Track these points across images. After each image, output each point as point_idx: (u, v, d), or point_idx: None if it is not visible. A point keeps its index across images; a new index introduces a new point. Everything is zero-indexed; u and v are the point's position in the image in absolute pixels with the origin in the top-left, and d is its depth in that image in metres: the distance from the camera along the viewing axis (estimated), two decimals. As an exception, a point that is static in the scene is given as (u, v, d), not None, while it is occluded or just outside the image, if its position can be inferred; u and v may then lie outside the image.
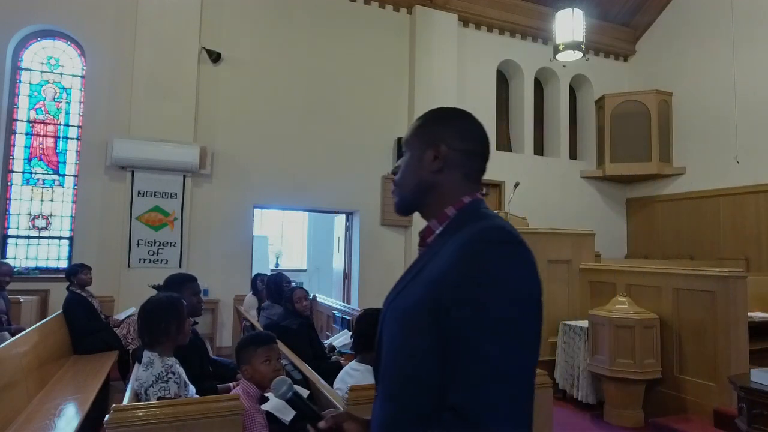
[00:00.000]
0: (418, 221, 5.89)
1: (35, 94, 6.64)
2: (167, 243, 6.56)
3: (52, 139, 6.66)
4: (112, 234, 6.44)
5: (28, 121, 6.57)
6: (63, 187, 6.65)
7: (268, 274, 6.00)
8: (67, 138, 6.69)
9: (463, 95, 8.40)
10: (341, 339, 4.62)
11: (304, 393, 2.51)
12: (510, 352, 0.83)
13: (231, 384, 2.84)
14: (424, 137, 1.14)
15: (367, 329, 2.66)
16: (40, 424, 3.08)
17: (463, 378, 0.82)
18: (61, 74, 6.75)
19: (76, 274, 5.09)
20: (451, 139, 1.11)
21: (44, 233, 6.52)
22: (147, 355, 2.31)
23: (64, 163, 6.67)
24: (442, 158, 1.10)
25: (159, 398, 2.12)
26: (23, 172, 6.51)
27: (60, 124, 6.70)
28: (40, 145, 6.61)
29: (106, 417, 1.82)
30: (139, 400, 2.16)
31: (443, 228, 1.07)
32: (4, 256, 6.29)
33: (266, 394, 2.39)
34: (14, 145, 6.48)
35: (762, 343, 4.56)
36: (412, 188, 1.14)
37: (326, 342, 4.57)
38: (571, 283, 5.43)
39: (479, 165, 1.15)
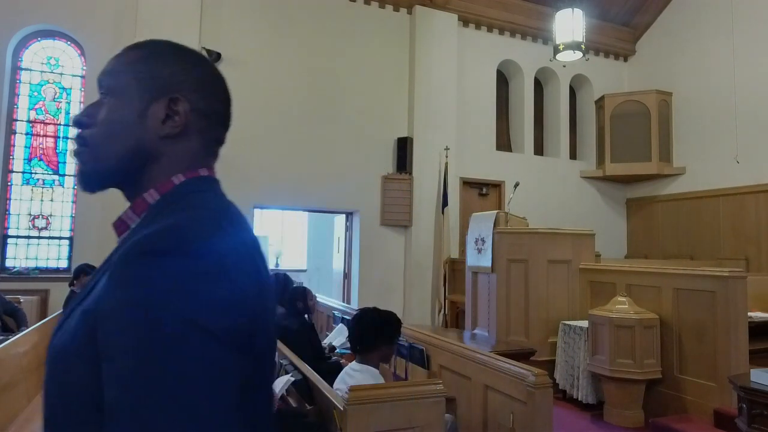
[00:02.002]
0: (419, 221, 5.93)
1: (35, 94, 6.64)
2: (167, 243, 6.54)
3: (52, 139, 6.66)
4: (112, 234, 6.37)
5: (28, 121, 6.57)
6: (63, 187, 6.65)
7: (268, 274, 5.99)
8: (67, 138, 6.69)
9: (463, 95, 8.41)
10: (340, 338, 4.62)
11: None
12: (163, 421, 0.58)
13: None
14: (149, 80, 0.78)
15: (362, 329, 2.67)
16: (40, 424, 3.07)
17: None
18: (61, 74, 6.76)
19: (87, 274, 5.07)
20: (194, 94, 0.79)
21: (44, 233, 6.52)
22: None
23: (64, 163, 6.67)
24: (182, 120, 0.78)
25: None
26: (23, 172, 6.51)
27: (60, 124, 6.70)
28: (40, 145, 6.61)
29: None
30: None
31: (140, 222, 0.76)
32: (4, 256, 6.30)
33: None
34: (14, 145, 6.48)
35: (762, 343, 4.56)
36: (121, 154, 0.77)
37: (325, 341, 4.57)
38: (571, 283, 5.43)
39: (222, 133, 0.86)
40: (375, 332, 2.62)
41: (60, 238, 6.58)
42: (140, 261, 0.63)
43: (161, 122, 0.77)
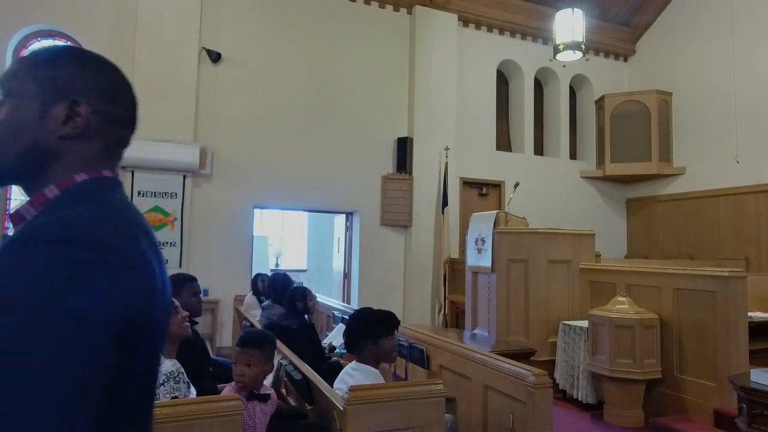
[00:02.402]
0: (419, 221, 5.93)
1: (35, 94, 6.64)
2: (167, 243, 6.56)
3: (52, 139, 6.66)
4: None
5: (28, 121, 6.57)
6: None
7: (268, 274, 6.00)
8: (67, 138, 6.69)
9: (463, 95, 8.41)
10: (340, 338, 4.62)
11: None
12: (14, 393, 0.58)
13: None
14: (49, 83, 0.82)
15: (351, 328, 2.66)
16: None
17: None
18: (61, 74, 6.75)
19: None
20: (95, 98, 0.84)
21: (44, 233, 6.52)
22: None
23: (64, 163, 6.67)
24: (83, 122, 0.82)
25: (172, 398, 2.11)
26: (23, 172, 6.51)
27: (60, 124, 6.70)
28: (40, 145, 6.61)
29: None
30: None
31: (36, 215, 0.78)
32: (4, 256, 6.30)
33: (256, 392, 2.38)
34: (14, 145, 6.48)
35: (762, 343, 4.56)
36: (20, 152, 0.80)
37: (325, 341, 4.57)
38: (571, 283, 5.42)
39: (126, 136, 0.91)
40: (362, 331, 2.62)
41: (60, 238, 6.58)
42: (28, 244, 0.67)
43: (62, 123, 0.81)
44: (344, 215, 8.11)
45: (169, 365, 2.24)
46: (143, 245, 0.77)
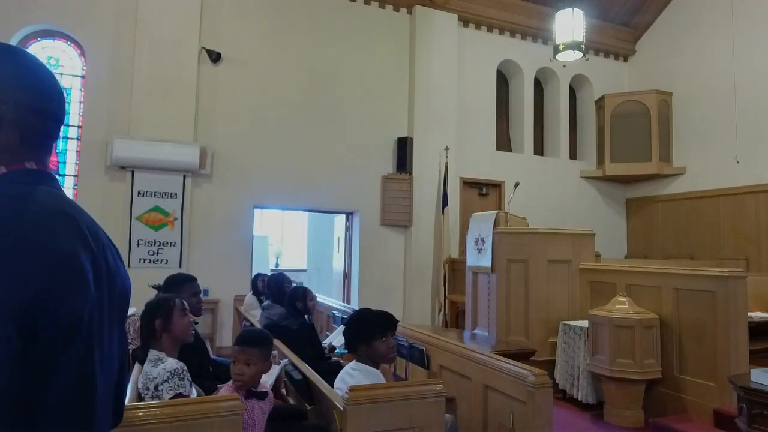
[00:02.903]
0: (419, 221, 5.94)
1: (35, 94, 6.63)
2: (167, 243, 6.56)
3: (52, 139, 6.65)
4: (112, 234, 6.32)
5: (28, 121, 6.57)
6: (63, 187, 6.62)
7: (268, 274, 6.00)
8: (67, 138, 6.70)
9: (463, 95, 8.41)
10: (340, 338, 4.62)
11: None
12: None
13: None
14: None
15: (350, 328, 2.66)
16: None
17: None
18: (61, 74, 6.75)
19: None
20: (11, 89, 0.83)
21: (44, 233, 6.51)
22: (154, 353, 2.31)
23: (64, 163, 6.67)
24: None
25: (177, 395, 2.11)
26: (23, 172, 6.50)
27: (60, 124, 6.69)
28: (40, 145, 6.60)
29: (106, 417, 1.81)
30: (142, 399, 2.16)
31: None
32: (4, 256, 6.29)
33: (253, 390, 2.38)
34: (14, 145, 6.47)
35: (762, 343, 4.55)
36: None
37: (325, 341, 4.57)
38: (571, 283, 5.42)
39: (51, 127, 0.90)
40: (357, 333, 2.61)
41: (60, 238, 6.57)
42: None
43: None
44: (344, 215, 8.11)
45: (173, 363, 2.25)
46: (63, 234, 0.76)
